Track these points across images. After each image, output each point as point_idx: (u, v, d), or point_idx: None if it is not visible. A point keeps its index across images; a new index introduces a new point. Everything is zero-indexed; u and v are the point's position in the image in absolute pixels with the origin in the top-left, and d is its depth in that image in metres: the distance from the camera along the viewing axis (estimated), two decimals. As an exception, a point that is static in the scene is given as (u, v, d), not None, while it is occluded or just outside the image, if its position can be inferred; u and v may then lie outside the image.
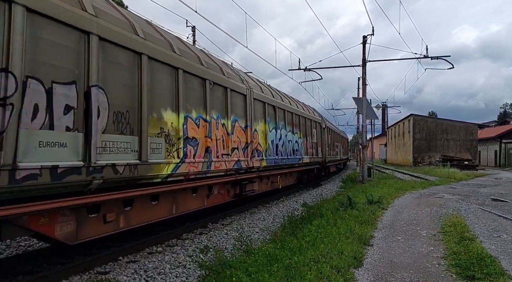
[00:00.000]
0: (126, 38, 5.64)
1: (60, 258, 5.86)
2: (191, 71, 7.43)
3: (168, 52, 6.74)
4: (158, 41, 6.59)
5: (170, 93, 6.75)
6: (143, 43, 6.00)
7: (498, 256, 6.02)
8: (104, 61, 5.23)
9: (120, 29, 5.56)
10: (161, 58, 6.48)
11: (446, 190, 17.38)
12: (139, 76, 5.89)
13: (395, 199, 13.74)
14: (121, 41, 5.53)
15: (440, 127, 48.10)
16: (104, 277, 5.19)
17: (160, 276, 5.40)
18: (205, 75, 7.95)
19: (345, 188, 18.96)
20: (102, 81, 5.16)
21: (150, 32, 6.49)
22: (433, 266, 5.53)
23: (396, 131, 59.75)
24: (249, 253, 6.31)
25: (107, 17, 5.38)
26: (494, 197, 14.19)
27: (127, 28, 5.78)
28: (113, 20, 5.52)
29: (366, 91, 21.96)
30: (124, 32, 5.64)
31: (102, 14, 5.30)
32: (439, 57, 20.91)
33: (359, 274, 5.16)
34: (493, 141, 50.43)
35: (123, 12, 6.15)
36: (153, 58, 6.25)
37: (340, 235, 7.06)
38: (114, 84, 5.42)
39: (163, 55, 6.54)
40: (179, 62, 7.00)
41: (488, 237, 7.48)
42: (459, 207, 11.54)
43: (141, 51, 5.94)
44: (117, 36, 5.45)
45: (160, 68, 6.47)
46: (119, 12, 5.99)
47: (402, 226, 8.55)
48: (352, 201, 10.74)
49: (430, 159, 45.20)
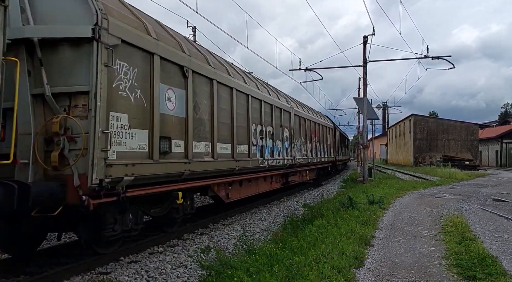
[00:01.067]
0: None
1: (62, 258, 5.87)
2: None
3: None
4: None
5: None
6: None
7: (499, 256, 6.01)
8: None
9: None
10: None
11: (447, 190, 17.37)
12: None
13: (396, 199, 13.73)
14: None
15: (441, 127, 48.06)
16: (105, 277, 5.19)
17: (161, 276, 5.41)
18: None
19: (346, 188, 18.96)
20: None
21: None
22: (434, 266, 5.53)
23: (396, 131, 59.73)
24: (250, 253, 6.32)
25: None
26: (495, 197, 14.18)
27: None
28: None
29: (366, 91, 21.98)
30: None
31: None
32: (440, 57, 20.90)
33: (360, 274, 5.16)
34: (494, 141, 50.39)
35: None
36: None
37: (341, 235, 7.06)
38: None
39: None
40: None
41: (489, 237, 7.48)
42: (460, 207, 11.54)
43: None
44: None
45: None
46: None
47: (403, 226, 8.55)
48: (353, 201, 10.74)
49: (431, 159, 45.14)
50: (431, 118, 53.50)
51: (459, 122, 49.22)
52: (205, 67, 7.97)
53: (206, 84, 8.03)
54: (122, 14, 5.67)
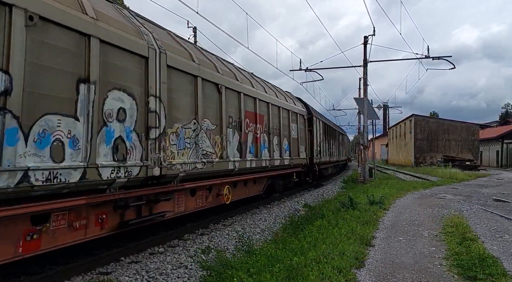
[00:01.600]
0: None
1: (62, 258, 5.87)
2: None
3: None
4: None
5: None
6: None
7: (500, 256, 6.00)
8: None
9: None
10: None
11: (447, 191, 17.35)
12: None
13: (396, 199, 13.72)
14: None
15: (441, 128, 48.02)
16: (106, 278, 5.19)
17: (161, 277, 5.41)
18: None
19: (346, 189, 18.94)
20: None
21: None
22: (435, 267, 5.52)
23: (397, 131, 59.69)
24: (250, 253, 6.31)
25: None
26: (496, 198, 14.15)
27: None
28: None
29: (367, 92, 21.96)
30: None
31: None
32: (440, 57, 20.87)
33: (361, 275, 5.15)
34: (495, 141, 50.34)
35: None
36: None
37: (342, 235, 7.05)
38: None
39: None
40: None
41: (490, 237, 7.47)
42: (461, 208, 11.52)
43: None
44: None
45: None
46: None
47: (403, 227, 8.54)
48: (354, 202, 10.73)
49: (432, 159, 45.11)
50: (432, 119, 53.44)
51: (460, 122, 49.18)
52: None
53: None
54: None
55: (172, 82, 6.92)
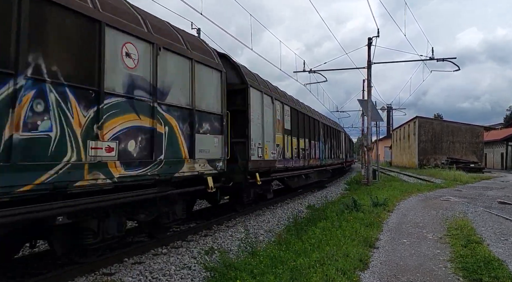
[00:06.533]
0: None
1: (66, 259, 5.88)
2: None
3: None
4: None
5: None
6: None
7: (506, 259, 5.96)
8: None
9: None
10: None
11: (452, 193, 17.26)
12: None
13: (400, 201, 13.66)
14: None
15: (445, 130, 47.79)
16: (109, 278, 5.20)
17: (165, 278, 5.41)
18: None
19: (350, 190, 18.88)
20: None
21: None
22: (440, 269, 5.49)
23: (401, 133, 59.50)
24: (254, 254, 6.30)
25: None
26: (501, 200, 14.06)
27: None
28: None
29: (371, 93, 21.91)
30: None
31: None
32: (445, 59, 20.80)
33: (365, 277, 5.13)
34: (500, 144, 50.07)
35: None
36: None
37: (345, 237, 7.03)
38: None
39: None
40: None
41: (495, 240, 7.42)
42: (466, 210, 11.46)
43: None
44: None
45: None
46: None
47: (408, 229, 8.50)
48: (357, 203, 10.69)
49: (436, 161, 44.92)
50: (436, 121, 53.21)
51: (464, 124, 48.91)
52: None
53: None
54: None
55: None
